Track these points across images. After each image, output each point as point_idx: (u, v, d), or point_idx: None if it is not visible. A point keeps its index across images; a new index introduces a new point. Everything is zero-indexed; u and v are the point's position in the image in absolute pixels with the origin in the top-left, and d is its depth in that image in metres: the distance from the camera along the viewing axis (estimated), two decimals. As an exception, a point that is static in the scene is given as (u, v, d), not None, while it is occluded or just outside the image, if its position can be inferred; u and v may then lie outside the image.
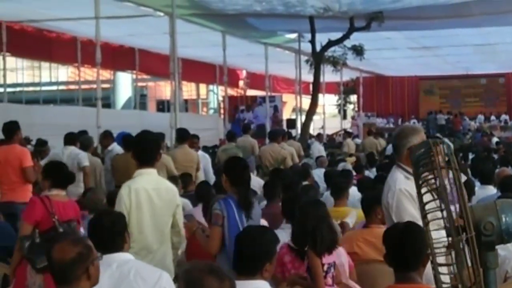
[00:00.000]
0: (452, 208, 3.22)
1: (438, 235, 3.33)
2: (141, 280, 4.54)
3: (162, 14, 21.14)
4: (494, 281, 3.31)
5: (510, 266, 5.42)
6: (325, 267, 5.55)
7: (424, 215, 3.35)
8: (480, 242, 3.23)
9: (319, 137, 24.47)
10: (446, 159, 3.31)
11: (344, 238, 7.10)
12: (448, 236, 3.27)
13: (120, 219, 4.89)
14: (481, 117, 42.89)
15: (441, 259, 3.35)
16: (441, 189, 3.23)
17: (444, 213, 3.23)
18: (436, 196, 3.35)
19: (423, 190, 3.40)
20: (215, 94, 43.12)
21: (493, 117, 43.08)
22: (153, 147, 6.47)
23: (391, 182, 5.12)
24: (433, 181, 3.34)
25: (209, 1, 21.52)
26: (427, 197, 3.39)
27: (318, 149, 21.39)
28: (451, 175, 3.26)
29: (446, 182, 3.24)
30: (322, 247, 5.42)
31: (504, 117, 42.78)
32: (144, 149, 6.40)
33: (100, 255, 3.94)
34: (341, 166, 15.47)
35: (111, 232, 4.72)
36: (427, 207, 3.38)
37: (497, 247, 3.41)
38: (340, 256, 6.14)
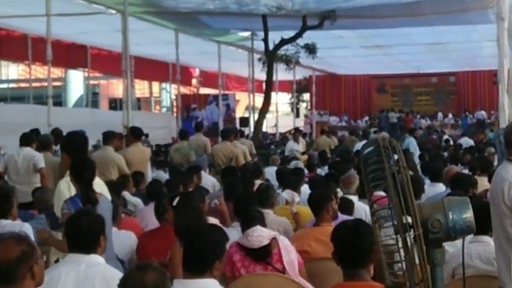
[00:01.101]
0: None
1: (391, 232, 3.36)
2: (106, 284, 4.50)
3: (114, 11, 20.98)
4: (441, 277, 3.34)
5: (458, 263, 5.46)
6: None
7: (372, 213, 3.37)
8: (427, 239, 3.25)
9: (294, 135, 24.38)
10: (395, 157, 3.33)
11: (295, 236, 7.12)
12: (396, 233, 3.29)
13: (97, 222, 4.83)
14: (440, 115, 43.25)
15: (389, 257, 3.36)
16: (389, 187, 3.25)
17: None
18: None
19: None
20: (168, 92, 43.01)
21: (450, 115, 43.46)
22: (82, 146, 6.60)
23: (509, 177, 5.02)
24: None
25: (162, -1, 21.50)
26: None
27: (291, 148, 21.41)
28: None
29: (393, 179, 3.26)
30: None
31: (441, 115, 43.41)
32: (75, 148, 6.48)
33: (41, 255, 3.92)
34: (293, 164, 15.50)
35: (86, 234, 4.68)
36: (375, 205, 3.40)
37: (445, 244, 3.43)
38: (290, 254, 6.17)
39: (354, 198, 8.78)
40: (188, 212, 6.08)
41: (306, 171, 13.70)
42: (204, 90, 40.61)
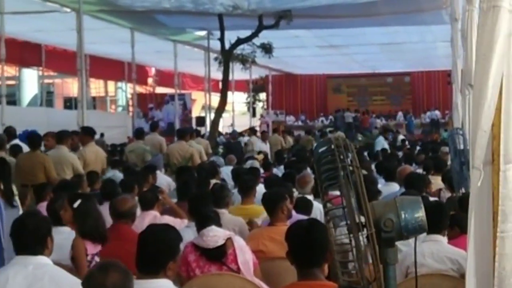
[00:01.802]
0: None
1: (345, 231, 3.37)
2: (55, 284, 4.46)
3: (69, 10, 20.80)
4: (394, 276, 3.35)
5: (411, 261, 5.51)
6: (89, 257, 5.98)
7: (325, 212, 3.38)
8: (380, 238, 3.27)
9: (262, 135, 24.33)
10: (348, 156, 3.34)
11: (250, 236, 7.12)
12: (349, 233, 3.30)
13: (44, 223, 4.78)
14: (400, 115, 43.52)
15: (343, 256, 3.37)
16: (342, 186, 3.26)
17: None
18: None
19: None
20: (123, 92, 42.74)
21: (411, 115, 43.74)
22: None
23: None
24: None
25: (117, -3, 21.36)
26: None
27: (259, 146, 21.42)
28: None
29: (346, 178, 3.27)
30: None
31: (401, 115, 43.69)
32: None
33: None
34: (249, 163, 15.52)
35: (33, 235, 4.63)
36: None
37: (399, 242, 3.45)
38: (245, 254, 6.17)
39: (310, 198, 8.80)
40: (88, 215, 6.16)
41: (262, 171, 13.72)
42: (160, 90, 40.45)
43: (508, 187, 3.32)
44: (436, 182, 10.64)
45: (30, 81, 36.13)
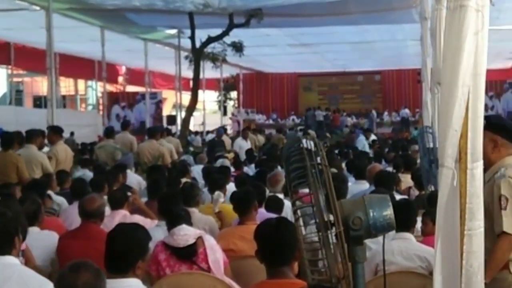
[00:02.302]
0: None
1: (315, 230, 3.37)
2: (24, 284, 4.41)
3: (38, 8, 20.69)
4: (362, 274, 3.37)
5: (380, 259, 5.53)
6: None
7: (294, 210, 3.38)
8: (348, 236, 3.28)
9: (243, 133, 24.27)
10: (317, 155, 3.34)
11: (220, 235, 7.11)
12: (318, 231, 3.31)
13: (12, 222, 4.72)
14: (374, 113, 43.64)
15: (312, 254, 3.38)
16: (311, 185, 3.26)
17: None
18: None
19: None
20: (93, 90, 42.55)
21: (386, 114, 43.92)
22: None
23: None
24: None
25: (87, -5, 21.25)
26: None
27: (240, 145, 21.39)
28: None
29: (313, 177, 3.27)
30: None
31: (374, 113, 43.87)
32: None
33: None
34: (219, 162, 15.50)
35: (0, 235, 4.57)
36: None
37: (368, 240, 3.47)
38: (216, 253, 6.16)
39: (281, 196, 8.81)
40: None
41: (232, 169, 13.72)
42: (130, 88, 40.32)
43: (475, 185, 3.35)
44: (406, 180, 10.68)
45: (-1, 79, 35.89)
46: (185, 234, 6.16)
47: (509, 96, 36.18)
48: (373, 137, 26.93)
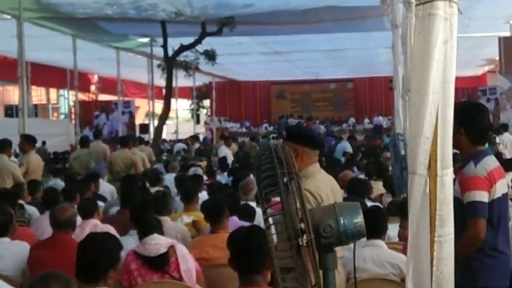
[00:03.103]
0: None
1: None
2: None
3: (9, 17, 20.57)
4: (334, 282, 3.37)
5: (352, 266, 5.55)
6: None
7: (265, 218, 3.38)
8: (319, 244, 3.28)
9: (226, 140, 24.23)
10: (289, 163, 3.34)
11: (192, 244, 7.09)
12: (289, 239, 3.31)
13: None
14: (352, 119, 43.68)
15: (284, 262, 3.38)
16: (282, 193, 3.27)
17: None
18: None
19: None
20: (66, 99, 42.34)
21: (367, 120, 43.88)
22: None
23: None
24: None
25: (58, 4, 21.06)
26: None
27: (225, 152, 21.36)
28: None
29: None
30: None
31: (353, 120, 43.96)
32: None
33: None
34: (192, 170, 15.48)
35: None
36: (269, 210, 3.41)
37: (342, 248, 3.48)
38: (188, 262, 6.14)
39: (253, 205, 8.81)
40: None
41: (205, 178, 13.71)
42: (103, 97, 40.17)
43: (445, 192, 3.37)
44: (378, 187, 10.71)
45: (-30, 89, 35.65)
46: (157, 243, 6.13)
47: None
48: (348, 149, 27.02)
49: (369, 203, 8.00)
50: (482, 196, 4.86)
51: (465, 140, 5.06)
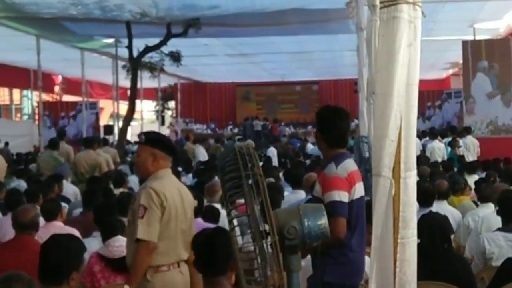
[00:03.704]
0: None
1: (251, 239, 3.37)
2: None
3: (-29, 16, 20.37)
4: (297, 283, 3.39)
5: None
6: None
7: (229, 220, 3.38)
8: (284, 246, 3.29)
9: (203, 142, 24.10)
10: (251, 165, 3.35)
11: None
12: (253, 240, 3.31)
13: None
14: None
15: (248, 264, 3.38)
16: (246, 195, 3.27)
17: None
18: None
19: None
20: (29, 100, 41.98)
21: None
22: None
23: None
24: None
25: (22, 4, 20.84)
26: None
27: (203, 154, 21.24)
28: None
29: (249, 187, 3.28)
30: None
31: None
32: None
33: None
34: (157, 172, 15.38)
35: None
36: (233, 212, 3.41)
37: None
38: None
39: (218, 206, 8.80)
40: None
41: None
42: (67, 98, 39.89)
43: (409, 193, 3.39)
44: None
45: None
46: (120, 245, 6.10)
47: (447, 106, 36.68)
48: (310, 145, 27.06)
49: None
50: (343, 196, 5.04)
51: (324, 144, 5.35)
